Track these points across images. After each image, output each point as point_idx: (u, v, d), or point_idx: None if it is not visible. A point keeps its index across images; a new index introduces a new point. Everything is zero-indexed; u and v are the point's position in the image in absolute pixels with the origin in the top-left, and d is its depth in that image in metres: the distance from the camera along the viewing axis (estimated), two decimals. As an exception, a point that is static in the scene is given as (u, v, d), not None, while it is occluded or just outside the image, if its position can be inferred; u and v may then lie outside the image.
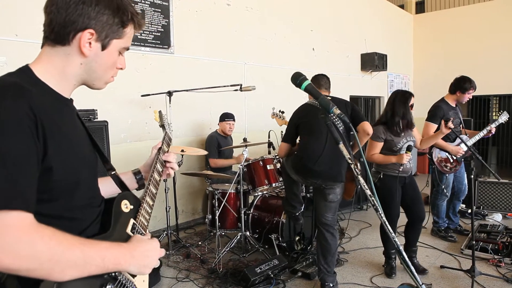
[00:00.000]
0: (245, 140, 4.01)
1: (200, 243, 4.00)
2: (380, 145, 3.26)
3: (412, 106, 3.28)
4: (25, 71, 0.94)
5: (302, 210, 3.46)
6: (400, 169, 3.14)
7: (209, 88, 3.95)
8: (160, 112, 1.75)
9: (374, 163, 3.39)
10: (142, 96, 3.89)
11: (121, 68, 1.06)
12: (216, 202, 3.68)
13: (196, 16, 4.66)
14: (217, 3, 4.88)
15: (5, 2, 3.21)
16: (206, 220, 3.93)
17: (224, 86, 3.81)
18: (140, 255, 0.96)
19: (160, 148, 1.35)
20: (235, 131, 4.73)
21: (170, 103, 3.87)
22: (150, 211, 1.18)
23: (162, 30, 4.31)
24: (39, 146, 0.83)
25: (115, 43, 0.98)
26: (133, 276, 1.01)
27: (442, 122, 3.32)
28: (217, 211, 3.65)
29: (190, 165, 4.71)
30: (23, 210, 0.78)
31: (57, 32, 0.93)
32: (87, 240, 0.88)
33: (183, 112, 4.55)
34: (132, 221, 1.09)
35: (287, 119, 4.00)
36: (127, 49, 1.04)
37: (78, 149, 0.97)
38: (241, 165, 3.63)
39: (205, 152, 4.00)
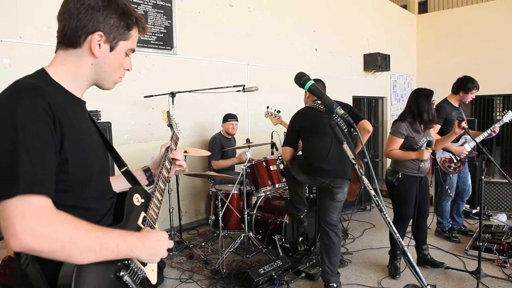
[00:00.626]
0: (248, 140, 4.01)
1: (203, 244, 4.00)
2: (400, 141, 3.20)
3: (433, 103, 3.28)
4: (42, 73, 1.03)
5: (306, 212, 3.45)
6: (421, 165, 3.11)
7: (212, 89, 3.95)
8: (168, 112, 1.81)
9: (392, 163, 3.36)
10: (145, 97, 3.90)
11: (128, 69, 1.15)
12: (219, 203, 3.67)
13: (199, 17, 4.67)
14: (219, 4, 4.88)
15: (9, 4, 3.22)
16: (209, 221, 3.92)
17: (227, 87, 3.81)
18: (151, 244, 1.03)
19: (168, 147, 1.43)
20: (238, 132, 4.73)
21: (173, 104, 3.88)
22: (159, 205, 1.25)
23: (165, 31, 4.32)
24: (56, 139, 0.91)
25: (122, 44, 1.07)
26: (144, 264, 1.08)
27: (456, 122, 3.27)
28: (220, 212, 3.65)
29: (193, 166, 4.71)
30: (44, 195, 0.85)
31: (70, 36, 1.02)
32: (102, 227, 0.94)
33: (186, 113, 4.55)
34: (143, 214, 1.16)
35: (283, 118, 4.01)
36: (133, 51, 1.13)
37: (90, 145, 1.05)
38: (244, 166, 3.63)
39: (208, 153, 4.01)
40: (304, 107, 3.14)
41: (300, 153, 3.14)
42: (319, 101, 3.02)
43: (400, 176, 3.24)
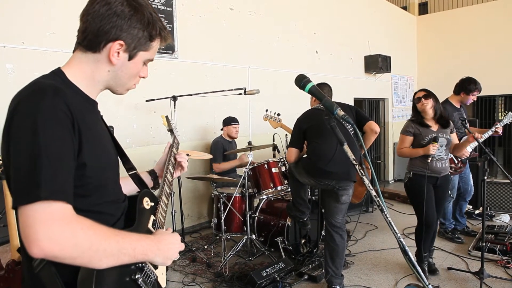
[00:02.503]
0: (249, 143, 4.02)
1: (206, 247, 4.01)
2: (408, 139, 3.25)
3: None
4: (58, 74, 1.01)
5: (309, 215, 3.45)
6: (428, 160, 3.05)
7: (213, 92, 3.97)
8: (167, 117, 1.82)
9: (407, 164, 3.34)
10: (147, 101, 3.92)
11: (144, 77, 1.13)
12: (222, 205, 3.68)
13: (200, 21, 4.70)
14: (220, 8, 4.91)
15: (12, 10, 3.25)
16: (212, 224, 3.93)
17: (228, 90, 3.82)
18: (165, 247, 1.03)
19: (171, 148, 1.47)
20: (240, 135, 4.74)
21: (174, 107, 3.89)
22: (166, 209, 1.27)
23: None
24: (75, 142, 0.90)
25: (141, 54, 1.06)
26: (155, 268, 1.09)
27: (470, 137, 3.24)
28: (222, 215, 3.65)
29: (195, 169, 4.72)
30: (65, 202, 0.84)
31: (90, 40, 1.00)
32: (120, 231, 0.95)
33: (187, 117, 4.57)
34: (152, 217, 1.17)
35: (285, 122, 4.00)
36: (152, 60, 1.11)
37: (105, 148, 1.05)
38: (246, 168, 3.64)
39: (210, 156, 4.01)
40: (310, 109, 3.16)
41: (304, 155, 3.15)
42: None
43: (411, 175, 3.25)
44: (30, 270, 0.92)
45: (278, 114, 4.05)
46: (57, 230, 0.81)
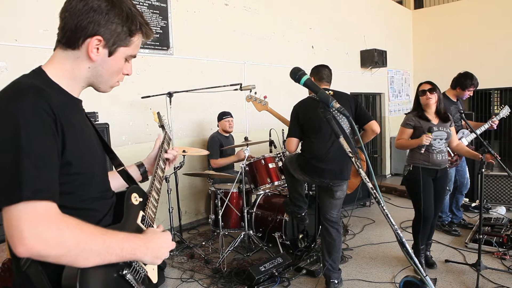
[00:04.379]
0: (246, 139, 4.01)
1: (203, 243, 4.00)
2: (408, 131, 3.25)
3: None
4: (39, 73, 1.00)
5: (307, 210, 3.46)
6: (422, 151, 3.06)
7: (209, 88, 3.95)
8: (158, 113, 1.80)
9: (407, 157, 3.34)
10: (142, 98, 3.90)
11: (128, 74, 1.11)
12: (219, 202, 3.67)
13: (195, 17, 4.67)
14: (215, 3, 4.88)
15: (4, 7, 3.22)
16: (209, 220, 3.93)
17: (224, 86, 3.81)
18: (154, 246, 1.02)
19: (162, 143, 1.44)
20: (236, 131, 4.72)
21: (170, 104, 3.88)
22: (156, 204, 1.26)
23: (161, 31, 4.32)
24: (58, 142, 0.90)
25: (122, 50, 1.04)
26: (145, 264, 1.09)
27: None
28: (220, 211, 3.65)
29: (192, 166, 4.71)
30: (50, 201, 0.84)
31: (69, 37, 0.99)
32: (107, 230, 0.94)
33: (183, 113, 4.55)
34: (141, 213, 1.16)
35: (270, 105, 3.82)
36: (134, 56, 1.09)
37: (90, 145, 1.05)
38: (243, 164, 3.63)
39: (207, 152, 4.00)
40: (307, 98, 3.08)
41: (298, 150, 3.13)
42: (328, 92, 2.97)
43: (410, 168, 3.24)
44: (18, 268, 0.92)
45: (265, 97, 3.83)
46: (42, 229, 0.81)
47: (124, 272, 0.98)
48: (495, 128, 4.04)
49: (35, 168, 0.82)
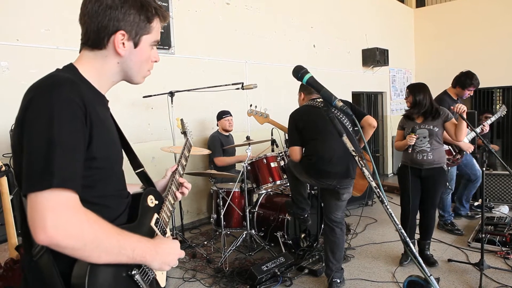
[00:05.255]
0: (248, 138, 4.00)
1: (206, 242, 4.00)
2: (400, 132, 3.48)
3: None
4: (72, 68, 1.04)
5: (309, 211, 3.43)
6: (409, 150, 3.23)
7: (210, 87, 3.95)
8: (182, 120, 1.80)
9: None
10: (144, 97, 3.89)
11: (156, 61, 1.14)
12: (221, 201, 3.67)
13: (196, 16, 4.66)
14: (216, 3, 4.87)
15: (6, 7, 3.22)
16: (211, 219, 3.92)
17: (226, 85, 3.80)
18: (163, 252, 1.04)
19: (175, 171, 1.39)
20: (239, 130, 4.72)
21: (172, 103, 3.87)
22: (171, 209, 1.27)
23: (162, 31, 4.31)
24: (86, 135, 0.92)
25: (145, 38, 1.06)
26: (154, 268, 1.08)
27: (453, 108, 3.27)
28: (222, 211, 3.65)
29: (194, 165, 4.71)
30: (74, 191, 0.86)
31: (93, 39, 1.02)
32: (122, 230, 0.95)
33: (185, 112, 4.54)
34: (156, 215, 1.17)
35: (282, 117, 3.88)
36: (158, 42, 1.12)
37: (114, 143, 1.07)
38: (244, 163, 3.62)
39: (208, 152, 4.00)
40: (303, 106, 3.06)
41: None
42: (318, 99, 2.96)
43: (399, 166, 3.47)
44: (30, 258, 0.93)
45: (265, 109, 3.86)
46: (65, 219, 0.83)
47: (133, 273, 0.99)
48: (487, 131, 4.08)
49: (65, 158, 0.85)
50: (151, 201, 1.17)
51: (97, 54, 1.04)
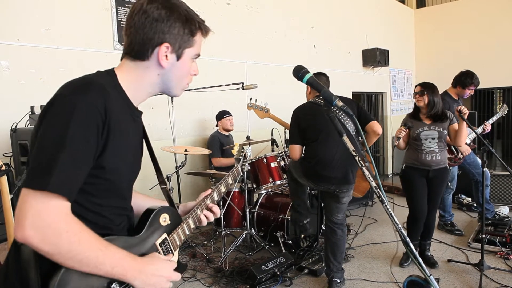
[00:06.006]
0: (248, 138, 4.00)
1: (205, 242, 4.00)
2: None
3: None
4: (111, 74, 1.05)
5: (309, 219, 3.40)
6: (396, 143, 3.24)
7: (211, 87, 3.95)
8: (241, 145, 1.69)
9: (403, 156, 3.46)
10: (144, 97, 3.89)
11: (195, 74, 1.15)
12: (221, 201, 3.67)
13: (196, 16, 4.66)
14: (217, 3, 4.87)
15: (6, 6, 3.22)
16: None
17: (226, 85, 3.81)
18: (148, 273, 1.00)
19: (208, 196, 1.36)
20: (238, 130, 4.72)
21: (172, 103, 3.87)
22: (188, 233, 1.23)
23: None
24: (100, 143, 0.92)
25: (187, 52, 1.08)
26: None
27: (456, 111, 3.25)
28: (222, 210, 3.64)
29: (194, 165, 4.71)
30: (66, 199, 0.86)
31: (137, 50, 1.03)
32: (108, 246, 0.94)
33: (185, 112, 4.55)
34: (165, 235, 1.15)
35: (281, 116, 3.86)
36: (199, 55, 1.13)
37: (129, 159, 1.06)
38: (244, 163, 3.61)
39: (208, 151, 4.00)
40: (307, 102, 3.04)
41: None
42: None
43: (403, 167, 3.36)
44: (15, 242, 0.93)
45: (265, 104, 3.79)
46: (46, 223, 0.83)
47: (112, 286, 0.96)
48: (489, 130, 4.06)
49: (70, 164, 0.86)
50: (164, 219, 1.14)
51: (139, 64, 1.05)
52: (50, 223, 0.84)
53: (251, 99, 3.84)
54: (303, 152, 3.01)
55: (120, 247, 0.98)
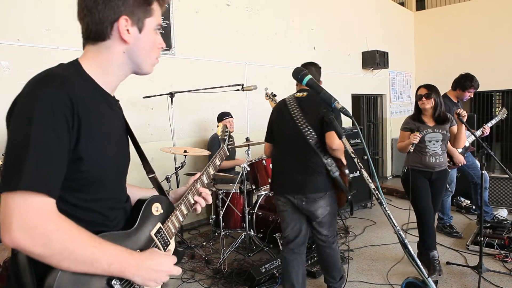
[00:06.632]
0: (247, 139, 4.01)
1: (204, 243, 4.00)
2: (406, 134, 3.31)
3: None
4: (75, 64, 1.00)
5: None
6: (411, 149, 3.13)
7: (210, 88, 3.95)
8: (224, 126, 1.70)
9: (405, 159, 3.40)
10: (144, 97, 3.90)
11: (162, 47, 1.10)
12: (220, 202, 3.67)
13: (197, 17, 4.67)
14: (217, 4, 4.88)
15: (7, 6, 3.22)
16: (210, 220, 3.92)
17: (226, 86, 3.81)
18: (148, 268, 0.98)
19: (197, 180, 1.32)
20: (237, 131, 4.72)
21: (172, 104, 3.88)
22: (182, 219, 1.20)
23: (163, 31, 4.32)
24: (72, 135, 0.88)
25: (148, 22, 1.03)
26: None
27: (455, 114, 3.25)
28: (221, 212, 3.65)
29: (193, 166, 4.71)
30: (47, 195, 0.83)
31: (96, 31, 0.99)
32: (102, 242, 0.90)
33: (185, 113, 4.55)
34: (159, 225, 1.12)
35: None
36: (160, 25, 1.08)
37: (111, 146, 1.01)
38: (244, 164, 3.62)
39: (208, 153, 4.00)
40: (281, 100, 2.70)
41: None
42: (297, 93, 2.63)
43: (405, 170, 3.31)
44: (12, 252, 0.92)
45: (274, 95, 3.65)
46: (31, 225, 0.80)
47: (113, 282, 0.94)
48: (487, 133, 4.07)
49: (38, 160, 0.82)
50: (156, 209, 1.12)
51: (101, 46, 1.00)
52: (36, 224, 0.80)
53: (266, 89, 3.67)
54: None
55: (116, 243, 0.95)
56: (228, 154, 1.52)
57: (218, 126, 1.65)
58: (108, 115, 1.02)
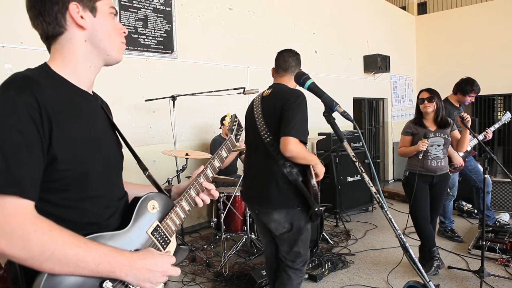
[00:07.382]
0: (249, 143, 4.01)
1: (205, 246, 4.00)
2: (407, 138, 3.33)
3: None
4: (43, 66, 1.00)
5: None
6: (420, 157, 3.14)
7: (212, 92, 3.96)
8: (234, 115, 1.58)
9: (406, 163, 3.41)
10: (146, 100, 3.91)
11: (124, 32, 1.08)
12: (221, 205, 3.67)
13: (199, 21, 4.69)
14: (219, 8, 4.91)
15: (10, 10, 3.24)
16: (211, 223, 3.92)
17: (228, 90, 3.82)
18: (141, 268, 0.95)
19: (201, 173, 1.27)
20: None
21: (173, 107, 3.89)
22: (183, 216, 1.16)
23: (165, 35, 4.34)
24: (43, 135, 0.86)
25: (100, 5, 1.01)
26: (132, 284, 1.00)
27: (458, 119, 3.24)
28: (222, 215, 3.65)
29: (194, 169, 4.70)
30: (19, 197, 0.81)
31: (52, 27, 0.97)
32: (87, 242, 0.88)
33: (187, 116, 4.56)
34: (156, 223, 1.08)
35: None
36: (115, 10, 1.06)
37: (92, 142, 0.98)
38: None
39: (210, 156, 4.01)
40: (254, 98, 2.41)
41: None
42: (266, 92, 2.37)
43: (407, 174, 3.33)
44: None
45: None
46: (7, 228, 0.79)
47: (104, 284, 0.91)
48: (490, 137, 4.06)
49: (5, 162, 0.80)
50: (152, 206, 1.08)
51: (62, 40, 0.98)
52: (15, 227, 0.79)
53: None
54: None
55: (108, 244, 0.93)
56: (236, 144, 1.44)
57: (226, 115, 1.57)
58: (86, 112, 1.00)
